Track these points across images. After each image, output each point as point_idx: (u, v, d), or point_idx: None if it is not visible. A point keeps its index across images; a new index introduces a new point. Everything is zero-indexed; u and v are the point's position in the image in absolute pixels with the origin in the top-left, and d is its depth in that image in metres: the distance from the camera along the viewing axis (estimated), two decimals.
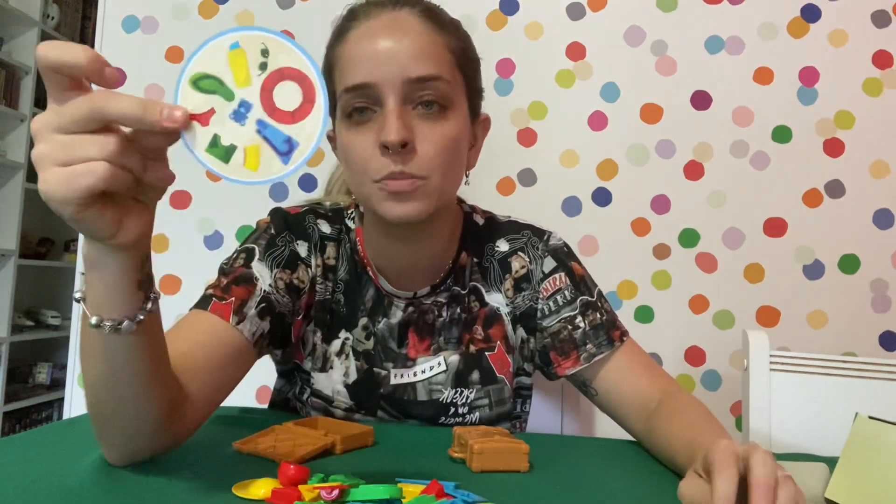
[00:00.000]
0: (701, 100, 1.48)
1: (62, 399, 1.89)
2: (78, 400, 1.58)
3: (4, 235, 2.95)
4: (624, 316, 1.33)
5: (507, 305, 0.84)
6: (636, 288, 1.47)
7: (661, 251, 1.46)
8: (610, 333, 0.81)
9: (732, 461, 0.46)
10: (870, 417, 0.58)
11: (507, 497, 0.55)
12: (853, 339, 1.41)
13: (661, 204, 1.47)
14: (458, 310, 0.83)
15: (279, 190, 1.54)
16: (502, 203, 1.49)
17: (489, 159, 1.48)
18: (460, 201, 0.88)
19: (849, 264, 1.43)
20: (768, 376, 0.97)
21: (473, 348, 0.83)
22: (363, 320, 0.82)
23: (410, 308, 0.82)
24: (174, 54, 1.57)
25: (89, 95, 0.43)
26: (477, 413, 0.82)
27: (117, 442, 0.57)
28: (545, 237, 0.86)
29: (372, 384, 0.81)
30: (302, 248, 0.81)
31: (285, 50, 0.45)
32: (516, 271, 0.84)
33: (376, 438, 0.70)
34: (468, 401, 0.81)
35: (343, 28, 0.74)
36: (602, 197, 1.48)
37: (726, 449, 0.48)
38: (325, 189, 0.99)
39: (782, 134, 1.45)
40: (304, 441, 0.65)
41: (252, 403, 1.46)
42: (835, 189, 1.44)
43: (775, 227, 1.45)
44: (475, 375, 0.82)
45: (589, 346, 0.80)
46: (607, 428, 0.85)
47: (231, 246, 1.35)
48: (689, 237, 1.46)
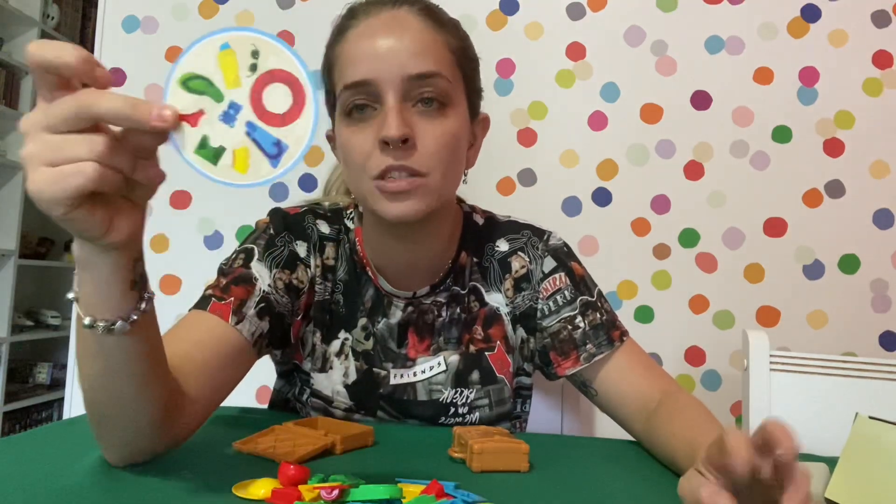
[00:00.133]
0: (701, 100, 1.47)
1: (62, 399, 1.89)
2: (78, 400, 1.57)
3: (4, 235, 2.95)
4: (624, 316, 1.33)
5: (507, 305, 0.84)
6: (636, 288, 1.47)
7: (661, 251, 1.46)
8: (610, 333, 0.81)
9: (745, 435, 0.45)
10: (870, 417, 0.58)
11: (507, 497, 0.55)
12: (853, 339, 1.41)
13: (661, 204, 1.47)
14: (458, 310, 0.83)
15: (279, 190, 1.54)
16: (502, 203, 1.49)
17: (489, 159, 1.49)
18: (460, 201, 0.88)
19: (849, 264, 1.43)
20: (768, 376, 0.97)
21: (473, 348, 0.83)
22: (362, 320, 0.82)
23: (410, 308, 0.82)
24: (174, 54, 1.57)
25: (77, 94, 0.42)
26: (477, 413, 0.82)
27: (116, 442, 0.57)
28: (545, 237, 0.86)
29: (371, 384, 0.81)
30: (301, 249, 0.81)
31: (276, 51, 0.45)
32: (516, 271, 0.84)
33: (376, 438, 0.70)
34: (468, 401, 0.81)
35: (343, 27, 0.74)
36: (602, 197, 1.48)
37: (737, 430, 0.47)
38: (324, 189, 0.99)
39: (782, 134, 1.45)
40: (304, 441, 0.65)
41: (252, 403, 1.46)
42: (835, 189, 1.44)
43: (775, 227, 1.45)
44: (475, 375, 0.82)
45: (589, 346, 0.80)
46: (607, 428, 0.85)
47: (231, 246, 1.34)
48: (689, 237, 1.46)
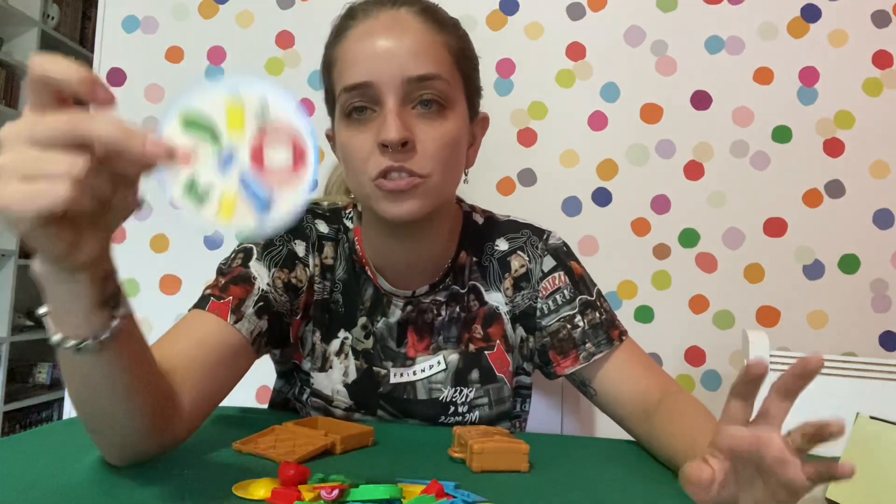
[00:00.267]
0: (701, 100, 1.47)
1: (62, 399, 1.89)
2: None
3: (4, 235, 2.95)
4: (624, 316, 1.33)
5: (507, 304, 0.84)
6: (636, 288, 1.47)
7: (661, 251, 1.46)
8: (609, 333, 0.81)
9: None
10: (870, 417, 0.58)
11: (507, 497, 0.55)
12: (853, 339, 1.41)
13: (661, 204, 1.47)
14: (458, 309, 0.83)
15: None
16: (502, 203, 1.49)
17: (489, 159, 1.49)
18: (459, 201, 0.88)
19: (849, 264, 1.43)
20: (768, 376, 0.97)
21: (473, 347, 0.83)
22: (362, 319, 0.82)
23: (409, 307, 0.82)
24: (174, 54, 1.57)
25: (72, 114, 0.40)
26: (477, 412, 0.82)
27: (109, 449, 0.58)
28: (544, 236, 0.86)
29: (371, 383, 0.81)
30: (300, 248, 0.81)
31: (285, 110, 0.44)
32: (515, 270, 0.84)
33: (376, 438, 0.70)
34: (468, 400, 0.81)
35: (342, 27, 0.74)
36: (602, 197, 1.48)
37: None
38: (324, 189, 0.99)
39: (782, 134, 1.45)
40: (304, 441, 0.65)
41: (252, 403, 1.46)
42: (835, 189, 1.44)
43: (775, 227, 1.45)
44: (474, 374, 0.82)
45: (588, 346, 0.80)
46: (607, 428, 0.85)
47: (231, 246, 1.34)
48: (689, 237, 1.46)
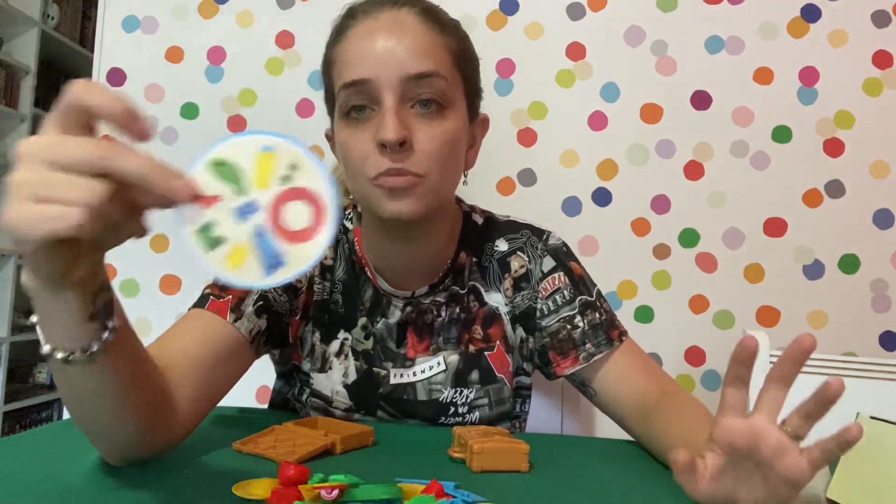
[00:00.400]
0: (701, 100, 1.47)
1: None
2: None
3: (4, 235, 2.94)
4: (624, 316, 1.33)
5: (507, 305, 0.84)
6: (636, 288, 1.47)
7: (661, 251, 1.46)
8: (609, 333, 0.81)
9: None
10: (870, 417, 0.58)
11: (507, 497, 0.55)
12: (853, 339, 1.41)
13: (661, 204, 1.47)
14: (458, 309, 0.83)
15: None
16: (502, 203, 1.49)
17: (489, 159, 1.48)
18: (459, 201, 0.88)
19: (849, 264, 1.43)
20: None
21: (473, 348, 0.82)
22: (362, 320, 0.82)
23: (409, 308, 0.82)
24: (174, 54, 1.57)
25: (103, 144, 0.39)
26: (477, 412, 0.82)
27: (106, 450, 0.58)
28: (544, 236, 0.86)
29: (371, 384, 0.81)
30: None
31: (314, 175, 0.44)
32: (515, 271, 0.84)
33: (376, 438, 0.70)
34: (468, 400, 0.81)
35: (342, 26, 0.74)
36: (602, 197, 1.48)
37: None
38: None
39: (782, 134, 1.45)
40: (304, 441, 0.65)
41: (252, 403, 1.46)
42: (835, 189, 1.44)
43: (775, 227, 1.45)
44: (474, 375, 0.82)
45: (588, 346, 0.80)
46: (607, 428, 0.85)
47: None
48: (689, 237, 1.46)
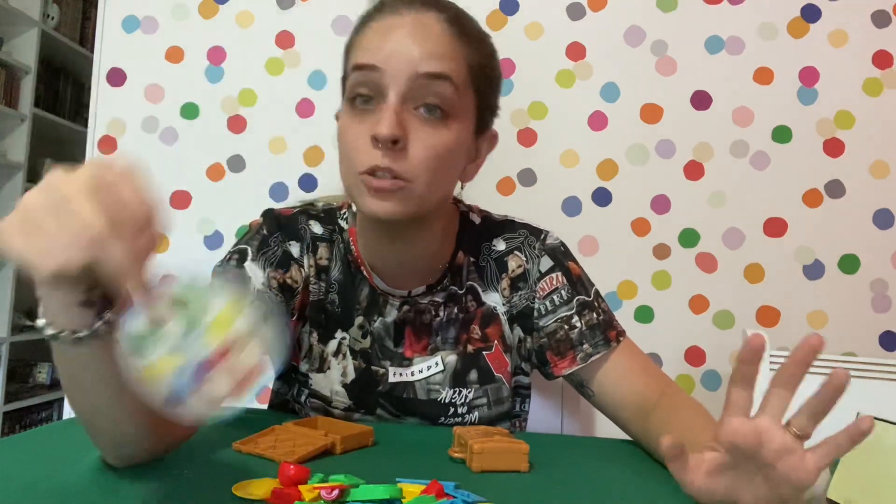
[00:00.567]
0: (701, 100, 1.47)
1: (62, 399, 1.89)
2: None
3: None
4: (624, 316, 1.33)
5: (504, 305, 0.84)
6: (636, 288, 1.47)
7: (661, 251, 1.46)
8: (606, 333, 0.81)
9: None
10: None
11: (507, 497, 0.55)
12: (853, 339, 1.41)
13: (661, 204, 1.47)
14: (456, 309, 0.83)
15: (279, 190, 1.54)
16: (502, 203, 1.49)
17: (489, 159, 1.48)
18: (457, 201, 0.88)
19: (849, 264, 1.43)
20: (768, 376, 0.97)
21: (471, 348, 0.82)
22: (359, 319, 0.82)
23: (406, 307, 0.82)
24: (174, 54, 1.57)
25: (104, 224, 0.40)
26: (476, 412, 0.82)
27: (106, 447, 0.57)
28: (542, 236, 0.86)
29: (370, 382, 0.81)
30: (294, 249, 0.81)
31: (261, 359, 0.43)
32: (513, 270, 0.84)
33: (376, 438, 0.70)
34: (467, 400, 0.81)
35: (368, 16, 0.74)
36: (602, 197, 1.48)
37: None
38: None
39: (782, 134, 1.45)
40: (304, 441, 0.65)
41: (252, 403, 1.46)
42: (835, 189, 1.44)
43: (775, 227, 1.45)
44: (473, 375, 0.82)
45: (585, 346, 0.80)
46: (607, 428, 0.85)
47: (231, 246, 1.34)
48: (689, 237, 1.46)
